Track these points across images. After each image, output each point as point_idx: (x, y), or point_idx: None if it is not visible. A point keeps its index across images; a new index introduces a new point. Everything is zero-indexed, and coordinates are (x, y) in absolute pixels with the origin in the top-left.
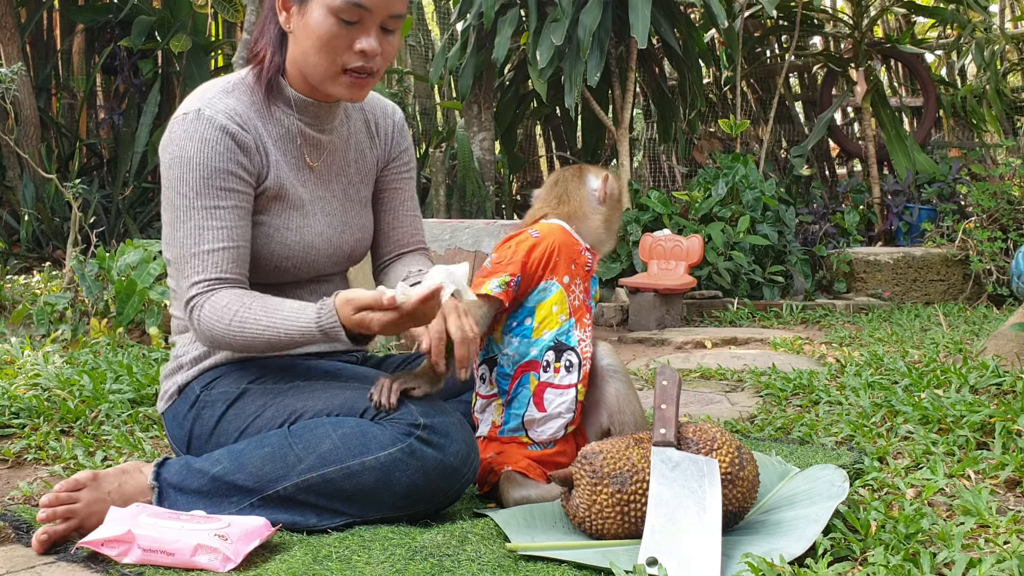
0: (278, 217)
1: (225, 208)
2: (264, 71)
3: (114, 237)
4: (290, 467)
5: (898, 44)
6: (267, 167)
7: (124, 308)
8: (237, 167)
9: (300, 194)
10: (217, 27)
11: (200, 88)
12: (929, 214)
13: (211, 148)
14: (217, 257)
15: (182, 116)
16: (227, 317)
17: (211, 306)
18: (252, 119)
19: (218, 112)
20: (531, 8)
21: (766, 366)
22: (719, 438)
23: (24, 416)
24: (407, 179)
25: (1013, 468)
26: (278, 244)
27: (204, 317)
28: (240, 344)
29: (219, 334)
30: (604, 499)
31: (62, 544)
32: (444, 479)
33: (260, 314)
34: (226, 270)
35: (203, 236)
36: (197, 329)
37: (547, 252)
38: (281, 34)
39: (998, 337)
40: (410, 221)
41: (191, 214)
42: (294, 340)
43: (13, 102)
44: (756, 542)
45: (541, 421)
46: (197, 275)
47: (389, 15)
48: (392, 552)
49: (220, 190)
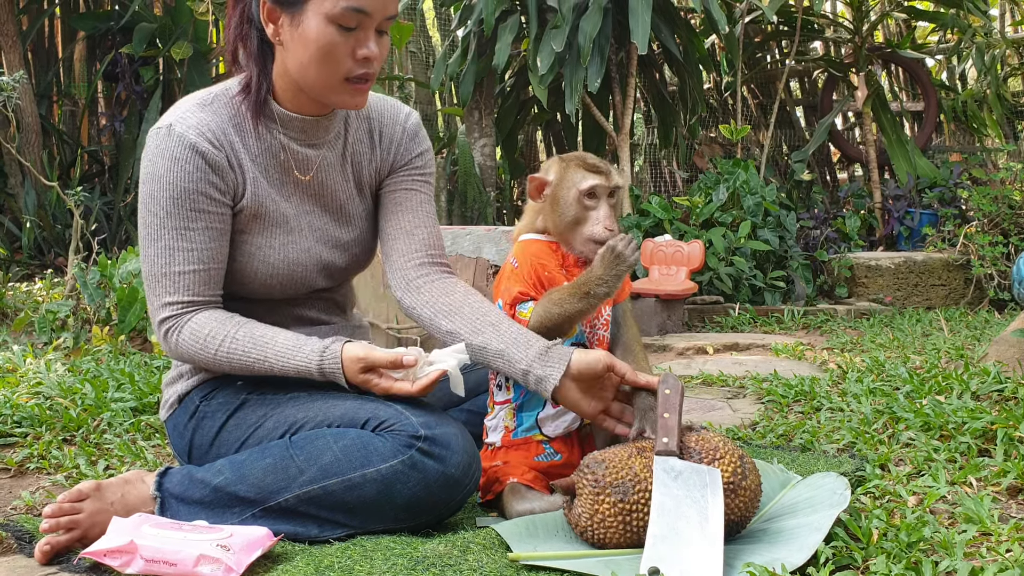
0: (260, 236)
1: (195, 230)
2: (253, 94)
3: (116, 244)
4: (291, 479)
5: (898, 49)
6: (243, 184)
7: (126, 316)
8: (208, 187)
9: (283, 210)
10: (218, 34)
11: (180, 100)
12: (930, 219)
13: (180, 167)
14: (188, 280)
15: (155, 131)
16: (212, 347)
17: (191, 332)
18: (228, 134)
19: (189, 128)
20: (531, 14)
21: (768, 372)
22: (721, 447)
23: (26, 425)
24: (423, 182)
25: (1015, 475)
26: (260, 263)
27: (183, 342)
28: (226, 370)
29: (202, 360)
30: (606, 508)
31: (65, 555)
32: (445, 491)
33: (249, 346)
34: (197, 292)
35: (173, 257)
36: (172, 351)
37: (535, 271)
38: (261, 46)
39: (999, 343)
40: (432, 224)
41: (161, 233)
42: (287, 375)
43: (15, 110)
44: (758, 551)
45: (555, 416)
46: (168, 296)
47: (385, 17)
48: (394, 562)
49: (190, 211)
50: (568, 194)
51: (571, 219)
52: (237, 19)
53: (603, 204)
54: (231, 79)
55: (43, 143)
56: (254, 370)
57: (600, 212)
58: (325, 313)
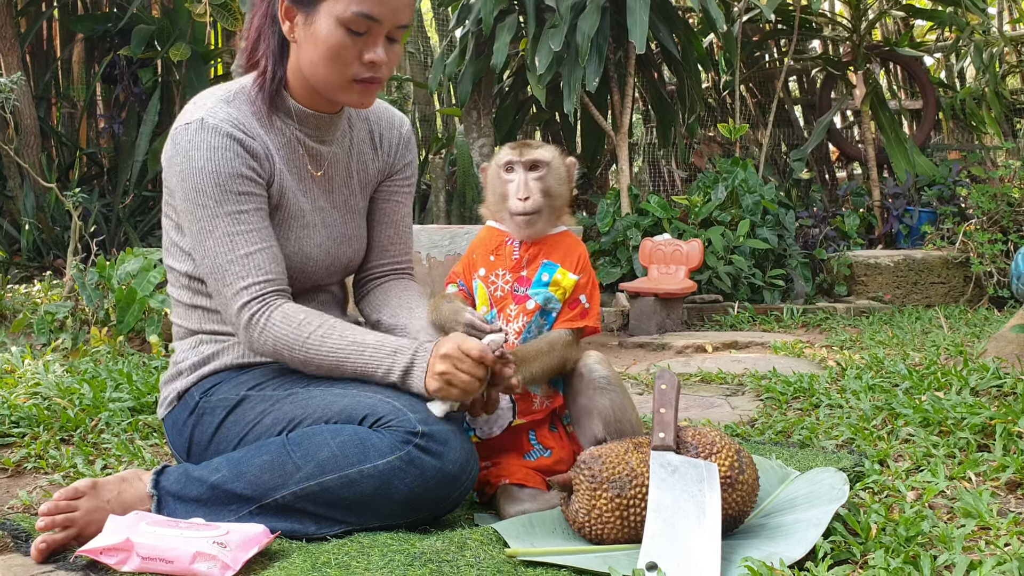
0: (278, 227)
1: (248, 211)
2: (267, 84)
3: (115, 246)
4: (288, 475)
5: (897, 47)
6: (272, 174)
7: (124, 316)
8: (250, 171)
9: (301, 204)
10: (216, 35)
11: (198, 98)
12: (929, 217)
13: (220, 155)
14: (258, 259)
15: (184, 127)
16: (307, 330)
17: (283, 314)
18: (255, 128)
19: (222, 121)
20: (530, 14)
21: (767, 370)
22: (718, 442)
23: (24, 425)
24: (407, 194)
25: (1014, 470)
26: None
27: (273, 325)
28: (298, 360)
29: (289, 344)
30: (603, 504)
31: (61, 553)
32: (443, 487)
33: (347, 332)
34: (270, 271)
35: (235, 242)
36: (257, 337)
37: (467, 254)
38: (281, 43)
39: (999, 339)
40: (407, 238)
41: (216, 223)
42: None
43: (13, 112)
44: (756, 546)
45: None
46: (243, 280)
47: (396, 25)
48: (391, 558)
49: (239, 195)
50: (493, 172)
51: (499, 196)
52: (261, 15)
53: (519, 176)
54: (245, 76)
55: (42, 145)
56: (339, 360)
57: (514, 185)
58: (327, 309)
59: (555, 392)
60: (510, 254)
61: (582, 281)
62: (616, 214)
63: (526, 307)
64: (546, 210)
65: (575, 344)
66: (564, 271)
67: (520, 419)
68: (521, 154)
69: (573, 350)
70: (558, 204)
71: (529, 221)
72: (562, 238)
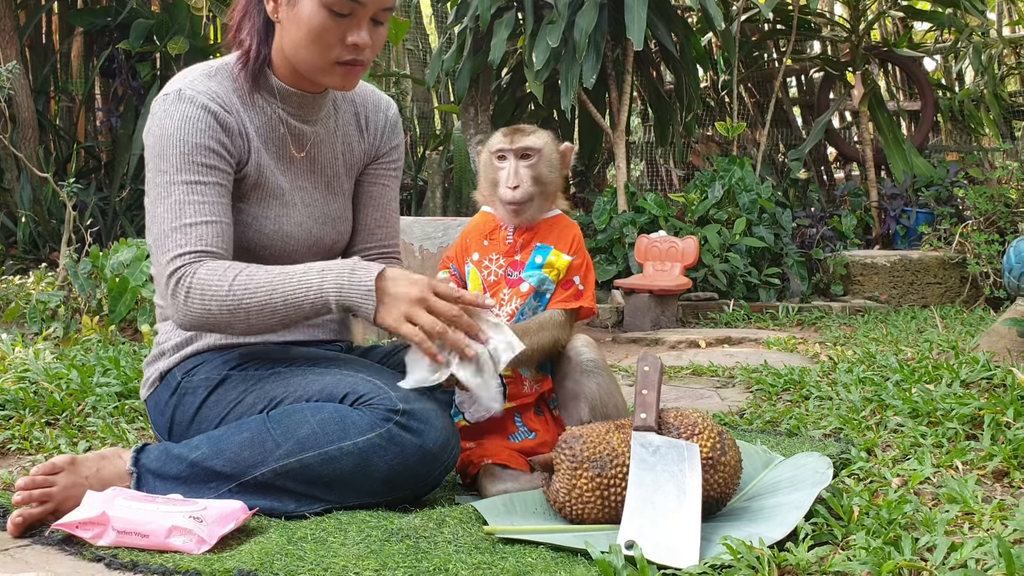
0: (256, 205)
1: (207, 184)
2: (250, 62)
3: (111, 239)
4: (268, 452)
5: (895, 48)
6: (248, 152)
7: (116, 306)
8: (218, 145)
9: (280, 183)
10: (214, 30)
11: (182, 72)
12: (926, 217)
13: (192, 125)
14: (201, 231)
15: (162, 97)
16: (229, 276)
17: (208, 270)
18: (234, 104)
19: (199, 93)
20: (527, 10)
21: (758, 363)
22: (700, 423)
23: (10, 408)
24: (394, 177)
25: (1001, 459)
26: (255, 232)
27: (198, 280)
28: (228, 309)
29: (215, 298)
30: (584, 483)
31: (38, 527)
32: (423, 465)
33: (272, 272)
34: (211, 243)
35: (184, 210)
36: (184, 299)
37: (460, 239)
38: (267, 23)
39: (991, 334)
40: (394, 222)
41: (171, 190)
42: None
43: (10, 104)
44: (738, 527)
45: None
46: (179, 248)
47: (381, 8)
48: (368, 534)
49: (201, 166)
50: (485, 159)
51: (490, 183)
52: None
53: (510, 164)
54: (230, 55)
55: (39, 138)
56: (271, 301)
57: (505, 172)
58: None
59: (544, 376)
60: (504, 239)
61: (576, 262)
62: (613, 211)
63: (520, 290)
64: (537, 197)
65: (568, 325)
66: (558, 252)
67: (509, 403)
68: (512, 142)
69: (566, 331)
70: (550, 190)
71: (518, 210)
72: (556, 221)
